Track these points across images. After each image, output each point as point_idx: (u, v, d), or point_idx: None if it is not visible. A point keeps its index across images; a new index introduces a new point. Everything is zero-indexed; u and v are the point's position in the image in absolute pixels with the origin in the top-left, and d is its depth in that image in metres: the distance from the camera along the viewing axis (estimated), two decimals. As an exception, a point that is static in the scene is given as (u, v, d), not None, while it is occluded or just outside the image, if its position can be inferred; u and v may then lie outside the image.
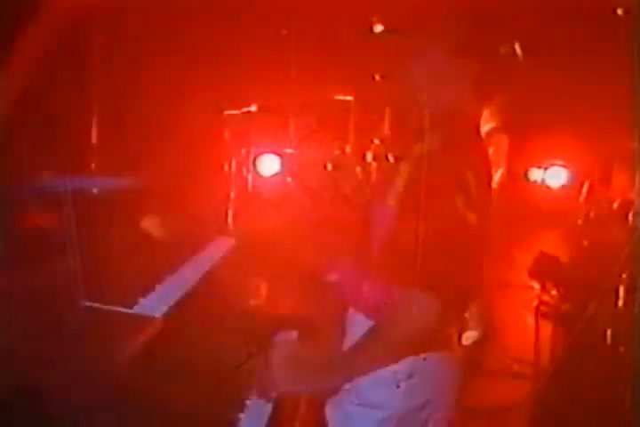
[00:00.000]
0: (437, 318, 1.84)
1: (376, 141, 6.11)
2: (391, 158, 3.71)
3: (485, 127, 5.87)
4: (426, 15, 2.07)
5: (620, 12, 4.87)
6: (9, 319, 1.78)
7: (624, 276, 4.61)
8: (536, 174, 6.77)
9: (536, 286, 5.71)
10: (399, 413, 1.99)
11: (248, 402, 2.20)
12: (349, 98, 6.73)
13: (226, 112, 4.30)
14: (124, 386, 1.71)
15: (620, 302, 4.64)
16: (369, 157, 6.07)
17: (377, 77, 2.28)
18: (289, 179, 6.00)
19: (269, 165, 5.88)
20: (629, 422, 2.91)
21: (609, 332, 4.59)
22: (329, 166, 5.98)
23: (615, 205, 5.83)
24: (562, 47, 6.37)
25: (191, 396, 2.08)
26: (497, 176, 5.73)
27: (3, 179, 2.43)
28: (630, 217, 4.72)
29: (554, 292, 5.58)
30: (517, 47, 2.20)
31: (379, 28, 5.77)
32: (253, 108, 4.35)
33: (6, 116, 2.78)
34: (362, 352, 1.95)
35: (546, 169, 6.71)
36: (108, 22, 4.02)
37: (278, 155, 5.92)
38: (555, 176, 6.72)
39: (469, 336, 4.70)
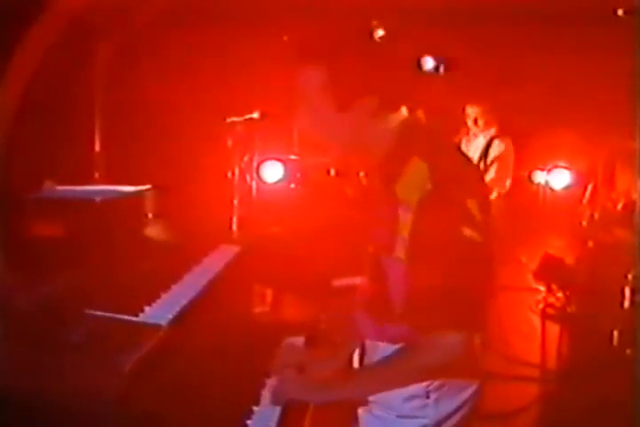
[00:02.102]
0: (464, 349, 1.84)
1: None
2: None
3: (485, 135, 5.91)
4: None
5: (620, 12, 4.87)
6: (13, 328, 1.79)
7: (629, 277, 4.61)
8: (539, 176, 6.77)
9: (542, 288, 5.71)
10: (434, 420, 1.99)
11: (255, 409, 2.20)
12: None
13: (228, 119, 4.30)
14: (127, 394, 1.72)
15: (626, 303, 4.63)
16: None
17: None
18: (292, 185, 6.01)
19: (273, 171, 5.89)
20: (636, 424, 2.91)
21: (615, 333, 4.58)
22: (332, 172, 5.98)
23: (619, 206, 5.82)
24: (563, 48, 6.37)
25: (197, 403, 2.08)
26: (508, 182, 5.76)
27: (7, 189, 2.45)
28: (635, 218, 4.72)
29: (560, 294, 5.57)
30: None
31: (379, 34, 5.79)
32: (256, 115, 4.35)
33: (10, 125, 2.79)
34: (379, 373, 1.98)
35: (549, 171, 6.71)
36: (111, 33, 4.04)
37: (281, 161, 5.93)
38: (558, 178, 6.72)
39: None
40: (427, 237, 1.80)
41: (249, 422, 2.12)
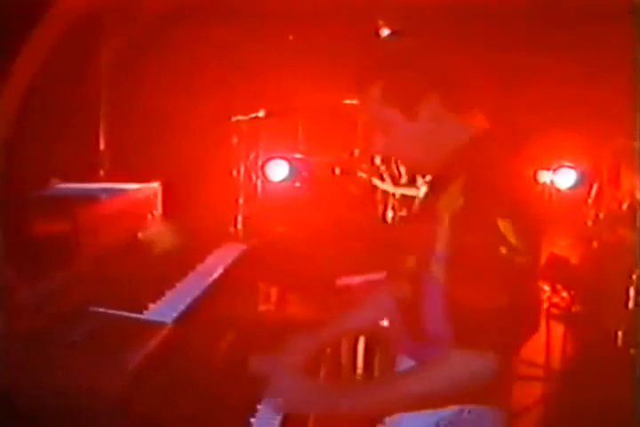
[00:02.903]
0: (491, 375, 1.77)
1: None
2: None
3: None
4: None
5: (623, 12, 4.86)
6: (16, 326, 1.79)
7: (634, 277, 4.60)
8: (545, 176, 6.75)
9: (546, 287, 5.70)
10: None
11: (260, 407, 2.20)
12: (357, 102, 6.70)
13: (234, 118, 4.31)
14: (131, 393, 1.72)
15: (631, 304, 4.63)
16: (377, 160, 6.07)
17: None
18: (298, 184, 6.00)
19: (278, 170, 5.88)
20: (640, 424, 2.91)
21: (619, 333, 4.58)
22: (337, 170, 5.98)
23: (624, 206, 5.81)
24: (566, 47, 6.36)
25: (202, 401, 2.09)
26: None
27: (12, 187, 2.45)
28: (638, 218, 4.71)
29: (564, 294, 5.56)
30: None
31: (385, 32, 5.78)
32: (261, 114, 4.36)
33: (15, 123, 2.80)
34: (390, 389, 1.89)
35: (555, 171, 6.69)
36: (115, 31, 4.04)
37: (287, 160, 5.93)
38: (563, 178, 6.70)
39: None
40: (463, 256, 1.75)
41: (253, 420, 2.13)
